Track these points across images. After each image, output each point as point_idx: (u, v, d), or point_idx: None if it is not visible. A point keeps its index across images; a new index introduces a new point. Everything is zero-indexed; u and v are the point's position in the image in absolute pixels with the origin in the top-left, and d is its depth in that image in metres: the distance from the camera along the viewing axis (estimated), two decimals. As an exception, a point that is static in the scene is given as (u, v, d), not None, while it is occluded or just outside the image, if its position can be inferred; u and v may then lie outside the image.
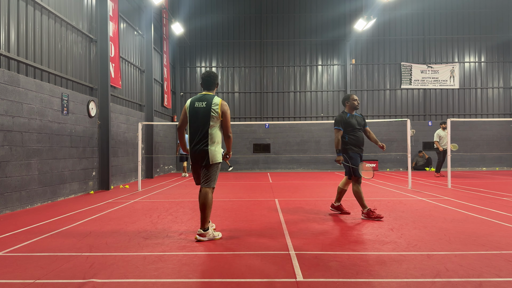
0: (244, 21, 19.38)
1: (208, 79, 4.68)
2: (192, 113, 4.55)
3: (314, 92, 19.25)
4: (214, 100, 4.50)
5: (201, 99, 4.56)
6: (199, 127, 4.49)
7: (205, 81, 4.69)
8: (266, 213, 6.31)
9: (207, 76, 4.69)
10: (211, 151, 4.47)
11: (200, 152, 4.47)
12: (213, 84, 4.69)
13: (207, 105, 4.49)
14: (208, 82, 4.68)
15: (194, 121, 4.53)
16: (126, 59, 12.57)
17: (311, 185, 11.05)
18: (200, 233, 4.41)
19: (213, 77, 4.68)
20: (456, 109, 19.07)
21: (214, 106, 4.48)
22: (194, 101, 4.57)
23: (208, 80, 4.67)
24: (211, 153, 4.46)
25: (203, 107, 4.50)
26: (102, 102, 10.10)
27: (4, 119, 6.47)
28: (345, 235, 4.60)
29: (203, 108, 4.50)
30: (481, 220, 5.49)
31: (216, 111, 4.48)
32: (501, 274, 3.17)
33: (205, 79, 4.69)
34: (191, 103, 4.58)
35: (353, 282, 3.01)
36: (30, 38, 7.41)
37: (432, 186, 10.40)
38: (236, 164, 18.82)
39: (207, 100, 4.52)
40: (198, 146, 4.48)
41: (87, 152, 9.47)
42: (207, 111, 4.47)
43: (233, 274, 3.24)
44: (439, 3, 19.09)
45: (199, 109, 4.51)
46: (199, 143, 4.48)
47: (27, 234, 4.82)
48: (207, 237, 4.41)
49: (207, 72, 4.73)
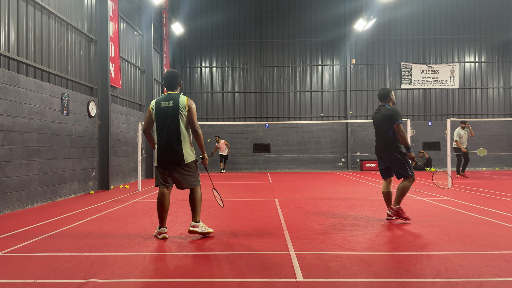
0: (244, 21, 19.38)
1: (170, 79, 4.60)
2: (159, 113, 4.46)
3: (314, 92, 19.25)
4: (181, 98, 4.45)
5: (167, 98, 4.47)
6: (169, 127, 4.41)
7: (168, 81, 4.61)
8: (266, 213, 6.31)
9: (169, 76, 4.61)
10: (185, 150, 4.43)
11: (172, 152, 4.40)
12: (176, 83, 4.61)
13: (174, 103, 4.42)
14: (170, 82, 4.61)
15: (163, 121, 4.43)
16: (126, 59, 12.57)
17: (311, 185, 11.05)
18: (194, 225, 4.52)
19: (174, 76, 4.60)
20: (456, 109, 19.07)
21: (182, 104, 4.42)
22: (160, 101, 4.49)
23: (170, 80, 4.60)
24: (185, 152, 4.43)
25: (171, 106, 4.42)
26: (102, 102, 10.10)
27: (4, 119, 6.47)
28: (345, 235, 4.60)
29: (170, 107, 4.41)
30: (481, 220, 5.49)
31: (184, 108, 4.43)
32: (501, 274, 3.17)
33: (168, 79, 4.61)
34: (156, 104, 4.51)
35: (353, 282, 3.01)
36: (30, 38, 7.41)
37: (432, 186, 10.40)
38: (236, 164, 18.82)
39: (173, 99, 4.44)
40: (170, 146, 4.40)
41: (87, 152, 9.47)
42: (175, 110, 4.40)
43: (233, 274, 3.24)
44: (439, 3, 19.09)
45: (167, 109, 4.42)
46: (170, 143, 4.39)
47: (27, 234, 4.82)
48: (199, 228, 4.50)
49: (168, 71, 4.65)
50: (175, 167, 4.46)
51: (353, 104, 19.17)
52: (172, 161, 4.43)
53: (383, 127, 5.31)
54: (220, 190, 9.67)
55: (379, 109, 5.46)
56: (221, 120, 19.24)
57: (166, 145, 4.41)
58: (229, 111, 19.31)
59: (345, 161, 18.97)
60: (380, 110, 5.41)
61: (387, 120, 5.25)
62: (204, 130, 18.77)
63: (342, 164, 19.02)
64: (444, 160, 18.17)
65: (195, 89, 19.33)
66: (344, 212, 6.28)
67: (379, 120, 5.36)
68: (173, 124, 4.40)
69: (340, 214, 6.12)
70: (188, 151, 4.46)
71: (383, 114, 5.32)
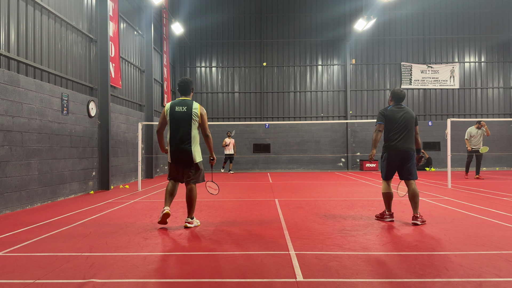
0: (244, 21, 19.38)
1: (184, 85, 5.18)
2: (173, 117, 5.04)
3: (314, 92, 19.25)
4: (194, 105, 5.05)
5: (181, 103, 5.07)
6: (181, 129, 5.00)
7: (182, 87, 5.20)
8: (266, 213, 6.31)
9: (183, 83, 5.18)
10: (194, 151, 5.05)
11: (184, 151, 5.01)
12: (188, 89, 5.20)
13: (187, 109, 5.02)
14: (184, 88, 5.19)
15: (176, 123, 5.02)
16: (126, 59, 12.57)
17: (311, 185, 11.05)
18: (189, 221, 5.12)
19: (188, 83, 5.18)
20: (456, 109, 19.07)
21: (195, 110, 5.03)
22: (174, 105, 5.06)
23: (184, 86, 5.18)
24: (194, 153, 5.04)
25: (184, 111, 5.02)
26: (102, 102, 10.10)
27: (4, 119, 6.47)
28: (345, 235, 4.60)
29: (184, 112, 5.01)
30: (481, 220, 5.49)
31: (197, 115, 5.04)
32: (501, 274, 3.17)
33: (182, 85, 5.19)
34: (171, 107, 5.07)
35: (353, 282, 3.01)
36: (30, 38, 7.41)
37: (432, 186, 10.40)
38: (236, 164, 18.82)
39: (187, 105, 5.04)
40: (182, 146, 5.01)
41: (87, 152, 9.47)
42: (189, 115, 5.00)
43: (233, 274, 3.24)
44: (439, 3, 19.09)
45: (180, 113, 5.02)
46: (182, 144, 5.01)
47: (27, 234, 4.82)
48: (194, 224, 5.15)
49: (182, 79, 5.23)
50: (185, 164, 5.09)
51: (353, 104, 19.17)
52: (183, 159, 5.07)
53: (410, 126, 5.39)
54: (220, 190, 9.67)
55: (401, 107, 5.47)
56: (221, 120, 19.25)
57: (178, 145, 5.02)
58: (229, 111, 19.31)
59: (345, 161, 18.97)
60: (404, 109, 5.46)
61: (414, 120, 5.43)
62: (204, 130, 18.75)
63: (342, 164, 19.02)
64: (444, 160, 18.17)
65: (195, 89, 19.31)
66: (344, 212, 6.28)
67: (410, 118, 5.39)
68: (185, 127, 5.00)
69: (340, 214, 6.12)
70: (196, 152, 5.07)
71: (410, 113, 5.42)
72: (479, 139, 12.55)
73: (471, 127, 12.74)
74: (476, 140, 12.55)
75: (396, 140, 5.36)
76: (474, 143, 12.59)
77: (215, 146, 18.72)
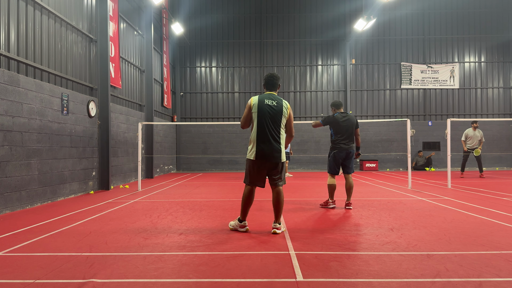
0: (244, 21, 19.38)
1: (272, 79, 4.89)
2: (262, 111, 4.66)
3: (314, 92, 19.25)
4: (284, 102, 4.78)
5: (271, 97, 4.75)
6: (272, 126, 4.66)
7: (270, 81, 4.89)
8: (266, 213, 6.31)
9: (271, 77, 4.90)
10: (282, 149, 4.74)
11: (274, 149, 4.64)
12: (276, 84, 4.91)
13: (278, 104, 4.71)
14: (272, 83, 4.88)
15: (266, 119, 4.65)
16: (126, 59, 12.57)
17: (311, 185, 11.05)
18: (277, 227, 4.76)
19: (276, 78, 4.91)
20: (456, 109, 19.07)
21: (285, 107, 4.75)
22: (263, 99, 4.72)
23: (272, 80, 4.88)
24: (282, 150, 4.74)
25: (275, 106, 4.69)
26: (102, 102, 10.10)
27: (4, 119, 6.47)
28: (345, 235, 4.60)
29: (275, 107, 4.68)
30: (481, 220, 5.49)
31: (286, 112, 4.75)
32: (501, 274, 3.17)
33: (270, 80, 4.89)
34: (260, 101, 4.71)
35: (353, 282, 3.01)
36: (30, 38, 7.41)
37: (432, 186, 10.40)
38: (236, 164, 18.83)
39: (277, 100, 4.73)
40: (272, 145, 4.64)
41: (87, 152, 9.47)
42: (280, 111, 4.69)
43: (233, 274, 3.24)
44: (439, 3, 19.09)
45: (271, 108, 4.67)
46: (272, 142, 4.64)
47: (27, 234, 4.82)
48: (282, 229, 4.81)
49: (270, 73, 4.95)
50: (274, 164, 4.70)
51: (353, 104, 19.17)
52: (271, 157, 4.64)
53: (351, 130, 6.72)
54: (220, 190, 9.67)
55: (345, 115, 6.72)
56: (221, 120, 19.24)
57: (269, 142, 4.63)
58: (229, 111, 19.30)
59: (345, 161, 18.94)
60: (347, 116, 6.72)
61: (355, 125, 6.75)
62: (204, 130, 18.80)
63: (342, 164, 18.98)
64: (444, 160, 18.18)
65: (195, 89, 19.33)
66: (344, 212, 6.28)
67: (351, 123, 6.69)
68: (276, 123, 4.68)
69: (340, 214, 6.12)
70: (284, 150, 4.77)
71: (352, 119, 6.73)
72: (475, 141, 12.83)
73: (468, 129, 13.02)
74: (472, 141, 12.86)
75: (340, 141, 6.63)
76: (469, 144, 12.93)
77: (216, 146, 18.78)
